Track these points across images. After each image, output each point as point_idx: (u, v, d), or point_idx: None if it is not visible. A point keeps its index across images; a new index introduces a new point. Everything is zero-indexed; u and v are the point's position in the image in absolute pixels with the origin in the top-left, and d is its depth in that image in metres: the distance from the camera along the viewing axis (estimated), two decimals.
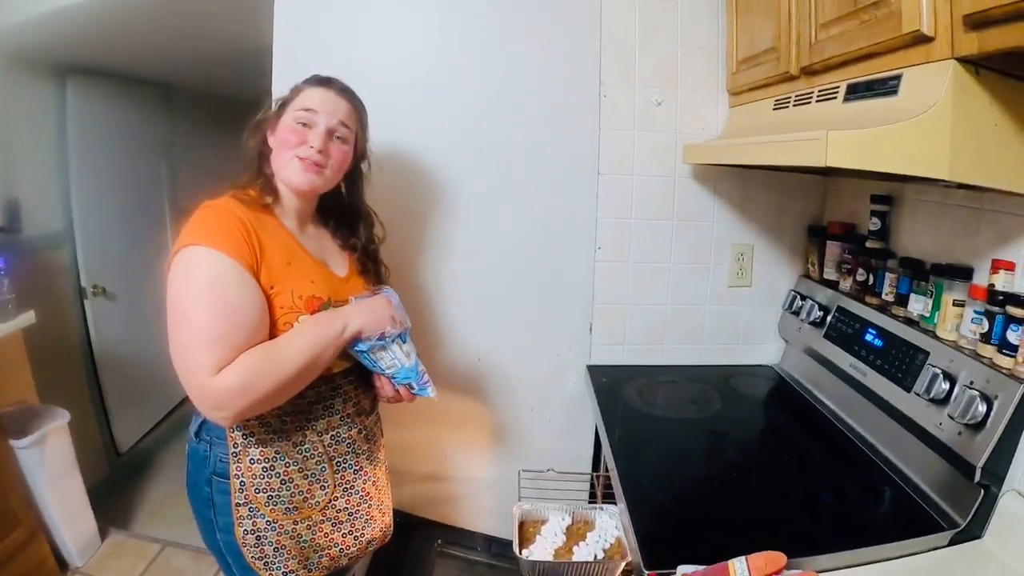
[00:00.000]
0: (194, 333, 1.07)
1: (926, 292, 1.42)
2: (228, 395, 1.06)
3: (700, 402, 1.83)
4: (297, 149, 1.23)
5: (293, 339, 1.14)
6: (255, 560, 1.23)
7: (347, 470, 1.32)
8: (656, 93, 1.86)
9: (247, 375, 1.07)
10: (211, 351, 1.06)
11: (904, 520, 1.24)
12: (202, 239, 1.10)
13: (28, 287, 2.36)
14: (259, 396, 1.09)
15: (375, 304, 1.26)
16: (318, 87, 1.28)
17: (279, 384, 1.11)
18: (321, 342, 1.16)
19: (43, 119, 2.66)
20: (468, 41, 1.80)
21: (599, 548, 1.51)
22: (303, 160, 1.23)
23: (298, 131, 1.24)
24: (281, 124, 1.26)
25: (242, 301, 1.10)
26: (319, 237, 1.37)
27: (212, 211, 1.16)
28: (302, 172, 1.24)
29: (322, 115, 1.25)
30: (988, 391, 1.16)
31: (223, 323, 1.07)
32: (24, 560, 2.15)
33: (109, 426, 3.05)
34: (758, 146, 1.35)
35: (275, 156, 1.26)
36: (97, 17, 2.20)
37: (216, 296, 1.08)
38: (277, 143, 1.26)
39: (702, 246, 1.97)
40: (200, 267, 1.09)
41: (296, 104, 1.26)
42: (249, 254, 1.13)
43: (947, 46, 0.98)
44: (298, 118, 1.24)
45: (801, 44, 1.40)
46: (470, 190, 1.86)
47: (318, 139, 1.24)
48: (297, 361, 1.12)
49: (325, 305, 1.22)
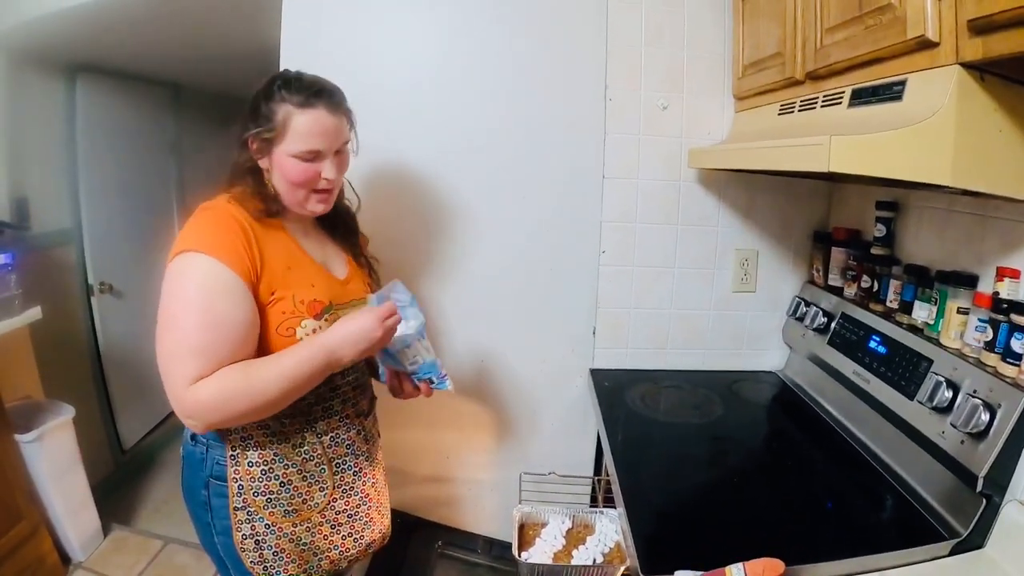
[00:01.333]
0: (178, 341, 1.07)
1: (930, 299, 1.41)
2: (200, 408, 1.06)
3: (702, 407, 1.83)
4: (313, 186, 1.20)
5: (275, 364, 1.10)
6: (254, 565, 1.22)
7: (346, 472, 1.31)
8: (662, 97, 1.86)
9: (223, 392, 1.06)
10: (191, 362, 1.05)
11: (905, 529, 1.23)
12: (199, 245, 1.08)
13: (36, 284, 2.37)
14: (232, 414, 1.08)
15: (360, 327, 1.16)
16: (308, 110, 1.16)
17: (255, 406, 1.09)
18: (304, 375, 1.12)
19: (52, 117, 2.68)
20: (473, 44, 1.81)
21: (598, 552, 1.50)
22: (318, 192, 1.21)
23: (307, 170, 1.18)
24: (280, 159, 1.17)
25: (230, 315, 1.08)
26: (320, 240, 1.35)
27: (212, 215, 1.14)
28: (323, 204, 1.23)
29: (326, 145, 1.19)
30: (991, 400, 1.16)
31: (208, 336, 1.06)
32: (27, 554, 2.16)
33: (114, 422, 3.07)
34: (762, 151, 1.34)
35: (284, 190, 1.20)
36: (106, 16, 2.22)
37: (205, 307, 1.07)
38: (284, 180, 1.19)
39: (706, 251, 1.96)
40: (193, 275, 1.08)
41: (294, 138, 1.16)
42: (247, 263, 1.11)
43: (952, 51, 0.98)
44: (301, 157, 1.17)
45: (806, 49, 1.39)
46: (474, 192, 1.86)
47: (332, 170, 1.20)
48: (276, 388, 1.09)
49: (327, 308, 1.21)
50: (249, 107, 1.20)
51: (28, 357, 2.46)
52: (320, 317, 1.20)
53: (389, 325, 1.18)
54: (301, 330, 1.17)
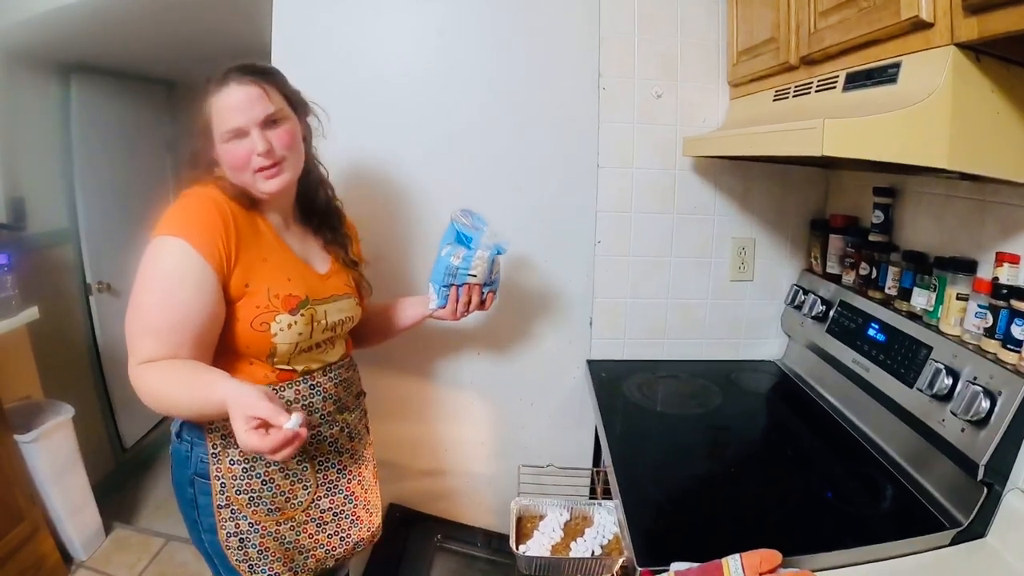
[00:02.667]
0: (140, 319, 1.08)
1: (929, 286, 1.40)
2: (141, 389, 1.06)
3: (700, 398, 1.81)
4: (250, 165, 1.15)
5: (193, 387, 1.04)
6: (239, 563, 1.22)
7: (330, 469, 1.30)
8: (656, 85, 1.84)
9: (159, 385, 1.06)
10: (146, 341, 1.07)
11: (905, 518, 1.22)
12: (174, 230, 1.09)
13: (33, 283, 2.38)
14: (162, 409, 1.08)
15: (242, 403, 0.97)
16: (220, 90, 1.14)
17: (175, 411, 1.12)
18: (208, 411, 1.04)
19: (47, 117, 2.69)
20: (465, 34, 1.79)
21: (597, 544, 1.50)
22: (260, 171, 1.16)
23: (236, 151, 1.15)
24: (219, 149, 1.16)
25: (191, 302, 1.07)
26: (303, 235, 1.33)
27: (194, 200, 1.14)
28: (268, 181, 1.17)
29: (244, 119, 1.14)
30: (992, 387, 1.14)
31: (165, 318, 1.06)
32: (28, 554, 2.17)
33: (114, 421, 3.09)
34: (756, 136, 1.33)
35: (234, 179, 1.18)
36: (100, 15, 2.21)
37: (168, 290, 1.07)
38: (228, 169, 1.17)
39: (703, 240, 1.95)
40: (163, 258, 1.08)
41: (216, 122, 1.14)
42: (221, 251, 1.10)
43: (947, 32, 0.96)
44: (226, 139, 1.14)
45: (800, 33, 1.37)
46: (467, 183, 1.85)
47: (260, 143, 1.14)
48: (189, 408, 1.07)
49: (303, 303, 1.19)
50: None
51: (27, 357, 2.47)
52: (296, 312, 1.18)
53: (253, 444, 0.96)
54: (275, 325, 1.15)
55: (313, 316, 1.22)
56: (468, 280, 1.43)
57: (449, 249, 1.42)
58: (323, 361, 1.29)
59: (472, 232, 1.42)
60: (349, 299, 1.35)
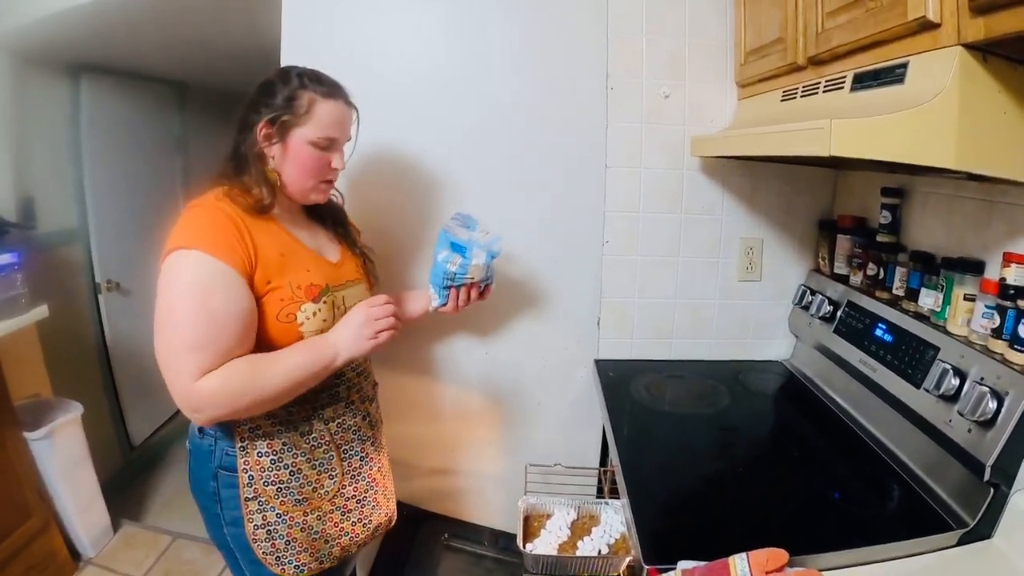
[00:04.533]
0: (178, 337, 1.07)
1: (937, 286, 1.39)
2: (208, 401, 1.08)
3: (708, 398, 1.81)
4: (323, 175, 1.25)
5: (282, 360, 1.14)
6: (266, 556, 1.23)
7: (353, 457, 1.33)
8: (664, 86, 1.84)
9: (231, 385, 1.08)
10: (193, 356, 1.06)
11: (911, 519, 1.22)
12: (191, 242, 1.09)
13: (43, 282, 2.39)
14: (238, 407, 1.10)
15: (354, 324, 1.23)
16: (329, 100, 1.22)
17: (261, 400, 1.12)
18: (310, 370, 1.17)
19: (57, 118, 2.70)
20: (472, 34, 1.79)
21: (604, 543, 1.50)
22: (327, 183, 1.27)
23: (320, 157, 1.23)
24: (296, 145, 1.20)
25: (226, 307, 1.09)
26: (310, 228, 1.36)
27: (202, 211, 1.15)
28: (326, 194, 1.28)
29: (341, 135, 1.26)
30: (999, 388, 1.14)
31: (206, 329, 1.07)
32: (37, 551, 2.18)
33: (123, 419, 3.10)
34: (763, 136, 1.33)
35: (292, 178, 1.23)
36: (109, 15, 2.22)
37: (201, 300, 1.07)
38: (296, 167, 1.22)
39: (711, 240, 1.94)
40: (186, 271, 1.09)
41: (317, 124, 1.20)
42: (242, 256, 1.12)
43: (954, 32, 0.96)
44: (320, 144, 1.21)
45: (808, 34, 1.37)
46: (475, 184, 1.85)
47: (341, 160, 1.26)
48: (283, 383, 1.13)
49: (324, 291, 1.23)
50: (259, 93, 1.22)
51: (36, 356, 2.48)
52: (318, 300, 1.21)
53: (380, 325, 1.24)
54: (301, 314, 1.18)
55: (334, 303, 1.26)
56: (466, 282, 1.49)
57: (446, 255, 1.46)
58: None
59: (466, 242, 1.46)
60: (361, 284, 1.40)
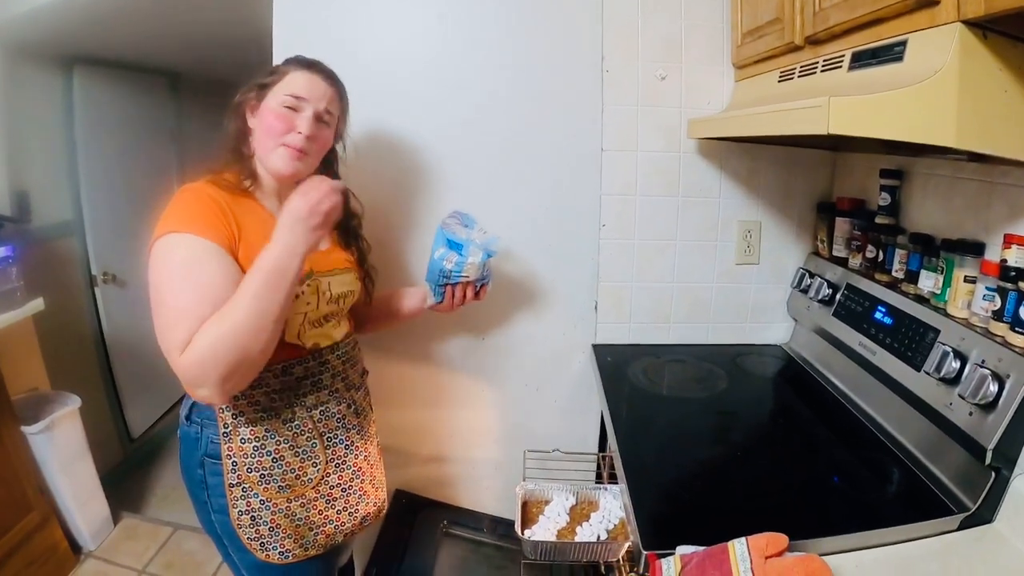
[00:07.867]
0: (168, 312, 1.06)
1: (937, 268, 1.38)
2: (196, 367, 1.03)
3: (706, 382, 1.81)
4: (284, 137, 1.22)
5: (241, 291, 1.05)
6: (251, 541, 1.24)
7: (338, 445, 1.32)
8: (660, 68, 1.82)
9: (206, 339, 1.02)
10: (180, 327, 1.04)
11: (912, 503, 1.21)
12: (178, 226, 1.09)
13: (38, 276, 2.39)
14: (229, 360, 1.02)
15: (298, 219, 1.10)
16: (303, 70, 1.25)
17: (245, 343, 1.03)
18: (274, 286, 1.06)
19: (50, 110, 2.68)
20: (466, 19, 1.77)
21: (602, 528, 1.50)
22: (290, 148, 1.22)
23: (285, 116, 1.22)
24: (264, 107, 1.23)
25: (214, 278, 1.08)
26: None
27: (188, 195, 1.16)
28: (288, 160, 1.22)
29: (310, 101, 1.23)
30: (1000, 370, 1.12)
31: (191, 298, 1.05)
32: (37, 544, 2.19)
33: (121, 411, 3.10)
34: (761, 116, 1.31)
35: (259, 141, 1.25)
36: (102, 7, 2.21)
37: (188, 275, 1.07)
38: (261, 128, 1.24)
39: (709, 223, 1.93)
40: (175, 252, 1.08)
41: (281, 88, 1.23)
42: (227, 235, 1.12)
43: (953, 8, 0.94)
44: (284, 103, 1.22)
45: (805, 13, 1.35)
46: (471, 169, 1.83)
47: (306, 124, 1.23)
48: (252, 313, 1.04)
49: (308, 275, 1.21)
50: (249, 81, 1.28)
51: (33, 349, 2.48)
52: (301, 283, 1.20)
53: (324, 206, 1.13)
54: None
55: (318, 287, 1.25)
56: (461, 280, 1.48)
57: (442, 252, 1.46)
58: (331, 338, 1.31)
59: (463, 240, 1.46)
60: (350, 273, 1.39)
